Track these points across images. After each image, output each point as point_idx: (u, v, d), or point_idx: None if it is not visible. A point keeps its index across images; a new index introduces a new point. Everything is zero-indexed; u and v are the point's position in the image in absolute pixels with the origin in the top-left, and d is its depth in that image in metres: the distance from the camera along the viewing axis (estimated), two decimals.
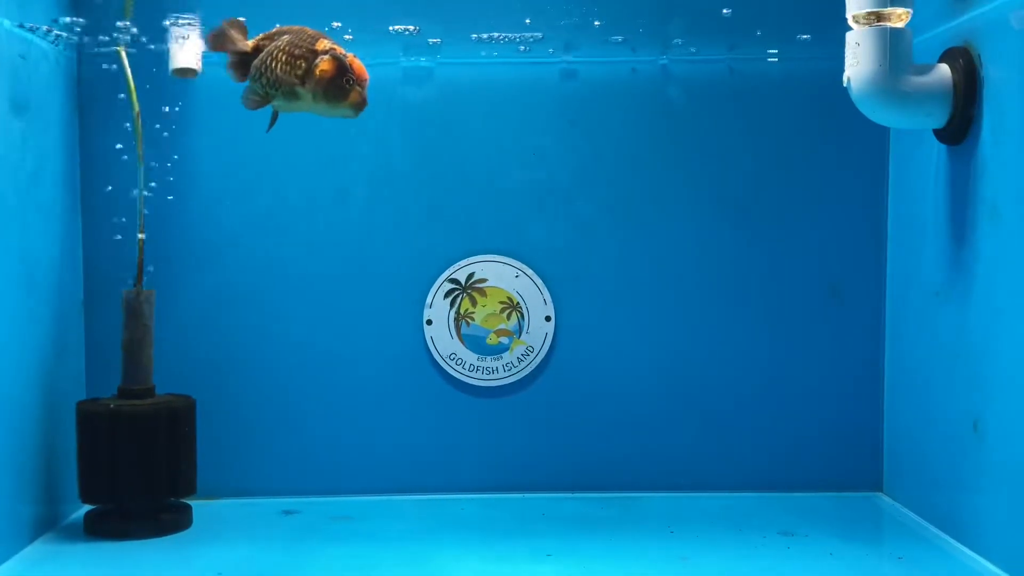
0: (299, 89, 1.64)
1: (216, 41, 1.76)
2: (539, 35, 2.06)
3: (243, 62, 1.74)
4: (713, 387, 2.24)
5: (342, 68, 1.61)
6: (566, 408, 2.23)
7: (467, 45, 2.14)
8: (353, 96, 1.62)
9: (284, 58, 1.65)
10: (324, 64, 1.60)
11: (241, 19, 1.77)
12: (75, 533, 1.96)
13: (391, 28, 2.08)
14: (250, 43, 1.75)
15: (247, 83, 1.74)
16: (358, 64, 1.63)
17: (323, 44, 1.64)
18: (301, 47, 1.64)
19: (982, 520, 1.78)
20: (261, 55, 1.70)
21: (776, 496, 2.20)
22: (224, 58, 1.78)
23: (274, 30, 1.73)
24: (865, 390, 2.23)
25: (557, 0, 2.08)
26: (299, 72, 1.62)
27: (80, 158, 2.15)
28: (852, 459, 2.24)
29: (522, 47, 2.11)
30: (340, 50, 1.64)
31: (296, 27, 1.70)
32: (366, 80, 1.63)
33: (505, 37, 2.07)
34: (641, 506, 2.14)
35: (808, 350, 2.24)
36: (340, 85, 1.61)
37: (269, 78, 1.67)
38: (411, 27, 2.06)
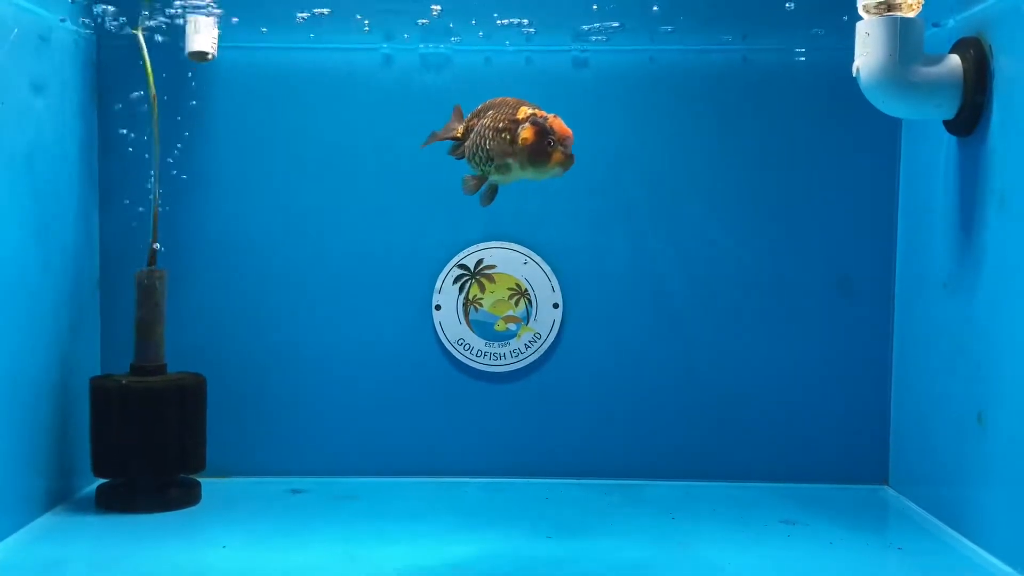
0: (509, 161, 1.62)
1: (431, 138, 1.81)
2: (615, 24, 2.07)
3: (460, 144, 1.77)
4: (719, 377, 2.24)
5: (542, 132, 1.59)
6: (572, 395, 2.25)
7: (481, 32, 2.16)
8: (556, 157, 1.59)
9: (491, 135, 1.65)
10: (525, 132, 1.59)
11: (457, 105, 1.80)
12: (86, 506, 2.00)
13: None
14: (460, 127, 1.77)
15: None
16: (559, 124, 1.60)
17: (523, 112, 1.62)
18: (503, 120, 1.64)
19: (983, 512, 1.78)
20: (471, 136, 1.71)
21: (781, 487, 2.20)
22: None
23: (479, 108, 1.73)
24: (872, 381, 2.23)
25: None
26: (506, 145, 1.62)
27: (97, 138, 2.19)
28: (858, 451, 2.24)
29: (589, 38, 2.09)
30: (541, 113, 1.62)
31: (499, 100, 1.69)
32: (569, 137, 1.60)
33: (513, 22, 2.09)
34: (644, 493, 2.15)
35: (816, 341, 2.23)
36: (543, 149, 1.59)
37: (481, 157, 1.68)
38: (436, 7, 2.08)
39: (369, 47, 2.21)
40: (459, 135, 1.78)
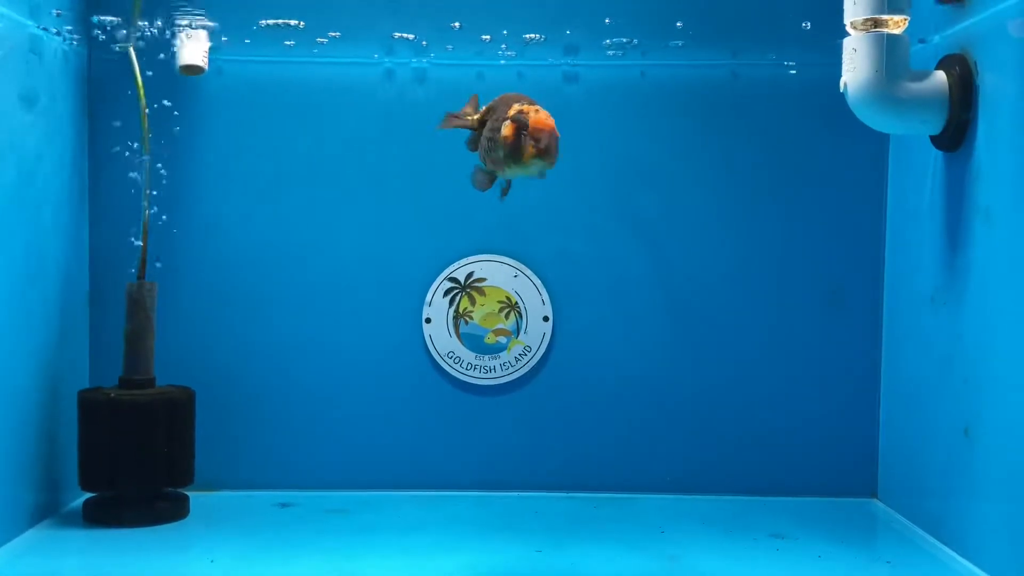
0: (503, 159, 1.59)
1: (448, 120, 1.74)
2: (629, 40, 2.09)
3: (476, 136, 1.71)
4: (709, 390, 2.25)
5: (519, 127, 1.53)
6: (562, 408, 2.25)
7: (468, 47, 2.17)
8: (528, 151, 1.52)
9: (490, 135, 1.61)
10: (505, 130, 1.54)
11: (474, 95, 1.74)
12: (74, 520, 1.99)
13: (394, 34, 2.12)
14: (476, 115, 1.71)
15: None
16: (538, 118, 1.53)
17: (514, 109, 1.56)
18: (500, 119, 1.58)
19: (971, 525, 1.78)
20: (482, 135, 1.67)
21: (770, 500, 2.21)
22: None
23: (493, 101, 1.67)
24: (861, 395, 2.24)
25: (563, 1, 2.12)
26: (498, 144, 1.57)
27: (88, 152, 2.19)
28: (847, 464, 2.24)
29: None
30: (527, 108, 1.55)
31: (506, 96, 1.63)
32: (544, 131, 1.52)
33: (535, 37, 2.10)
34: (634, 507, 2.15)
35: (805, 355, 2.24)
36: (518, 146, 1.53)
37: (484, 156, 1.65)
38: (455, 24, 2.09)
39: (363, 61, 2.22)
40: (474, 123, 1.71)
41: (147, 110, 2.07)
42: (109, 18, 2.02)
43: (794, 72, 2.22)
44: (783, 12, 2.12)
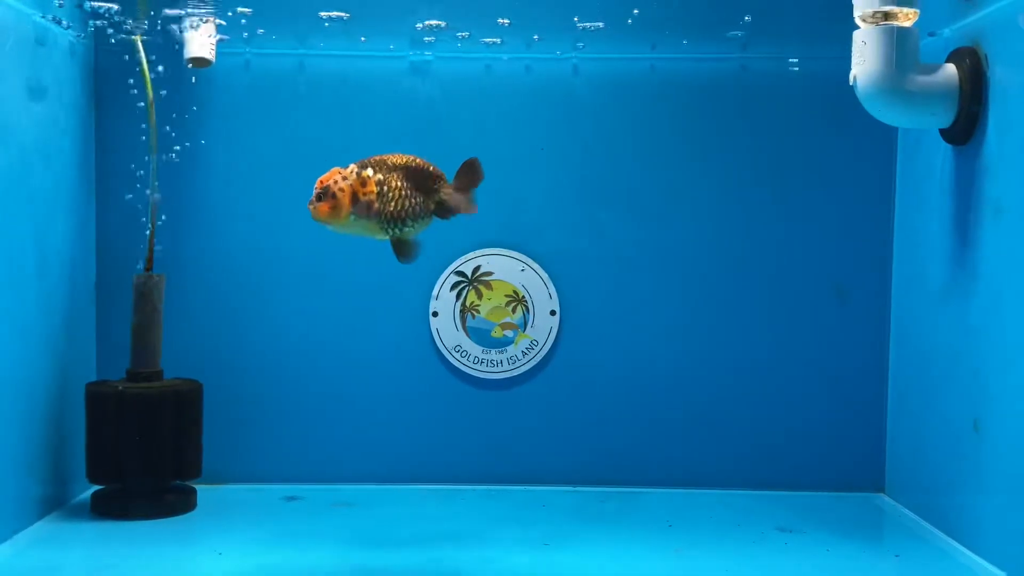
0: None
1: None
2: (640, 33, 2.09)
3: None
4: (716, 384, 2.24)
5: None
6: (569, 402, 2.25)
7: (473, 41, 2.16)
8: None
9: None
10: None
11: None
12: (81, 512, 1.99)
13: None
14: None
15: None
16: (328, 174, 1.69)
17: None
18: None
19: (980, 520, 1.78)
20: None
21: (777, 494, 2.20)
22: None
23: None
24: (869, 389, 2.23)
25: None
26: None
27: (95, 144, 2.19)
28: (855, 459, 2.24)
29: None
30: (346, 171, 1.70)
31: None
32: (318, 186, 1.68)
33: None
34: (641, 501, 2.15)
35: (813, 349, 2.24)
36: None
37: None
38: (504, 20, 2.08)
39: (365, 54, 2.21)
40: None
41: (154, 101, 2.07)
42: (111, 6, 2.00)
43: (802, 66, 2.21)
44: (793, 5, 2.11)
